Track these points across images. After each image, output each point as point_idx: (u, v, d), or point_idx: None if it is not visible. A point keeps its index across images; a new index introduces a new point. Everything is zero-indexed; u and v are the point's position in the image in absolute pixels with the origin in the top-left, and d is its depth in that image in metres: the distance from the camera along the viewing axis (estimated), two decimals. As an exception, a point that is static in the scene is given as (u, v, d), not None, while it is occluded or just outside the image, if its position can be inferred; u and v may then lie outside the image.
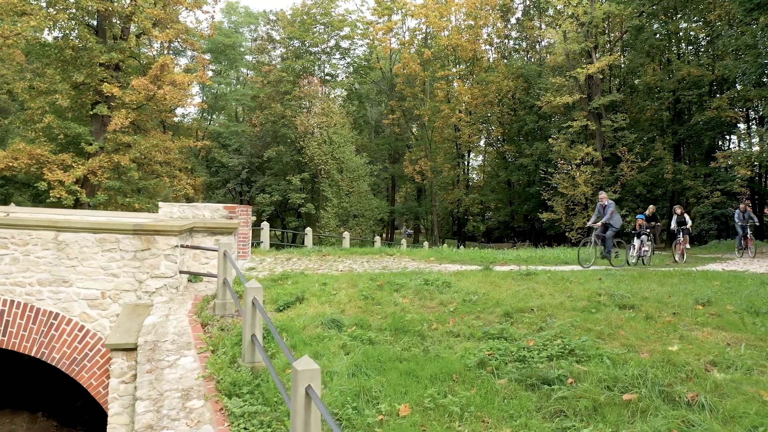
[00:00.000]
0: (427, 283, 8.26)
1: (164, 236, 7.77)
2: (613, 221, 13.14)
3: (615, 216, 13.29)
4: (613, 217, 13.21)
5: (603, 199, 13.46)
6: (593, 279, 9.43)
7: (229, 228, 8.91)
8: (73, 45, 26.99)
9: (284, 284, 8.59)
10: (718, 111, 30.68)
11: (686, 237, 16.21)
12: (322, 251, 14.25)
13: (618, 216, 13.45)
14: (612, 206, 13.36)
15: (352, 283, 8.55)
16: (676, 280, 9.71)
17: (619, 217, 13.49)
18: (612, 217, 13.15)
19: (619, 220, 13.39)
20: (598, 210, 13.38)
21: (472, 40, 41.39)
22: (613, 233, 13.15)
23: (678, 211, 16.55)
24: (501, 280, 9.11)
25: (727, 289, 8.69)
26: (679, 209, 16.62)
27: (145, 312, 7.52)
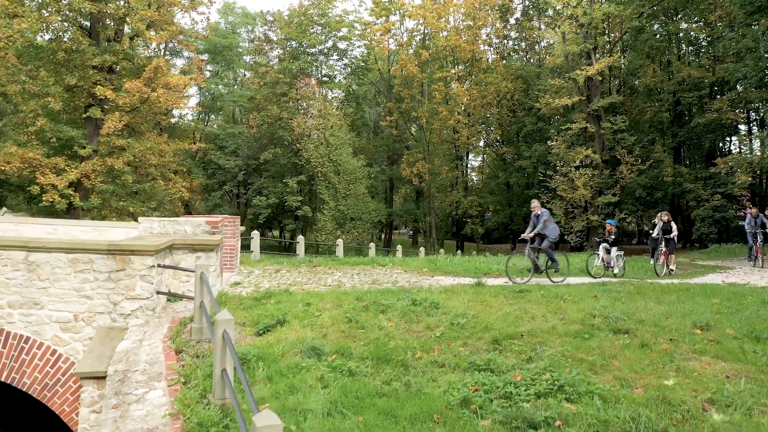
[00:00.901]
0: (415, 304, 7.94)
1: (140, 256, 7.46)
2: (548, 231, 12.23)
3: (550, 225, 12.38)
4: (548, 226, 12.29)
5: (536, 208, 12.60)
6: (588, 296, 9.12)
7: (210, 244, 8.59)
8: (66, 47, 26.67)
9: (267, 304, 8.28)
10: (718, 113, 30.35)
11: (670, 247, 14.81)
12: (313, 262, 13.95)
13: (553, 225, 12.54)
14: (546, 215, 12.46)
15: (337, 302, 8.24)
16: (674, 297, 9.39)
17: (555, 226, 12.56)
18: (546, 226, 12.25)
19: (555, 229, 12.49)
20: (533, 220, 12.53)
21: (470, 41, 41.05)
22: (549, 244, 12.17)
23: (664, 218, 15.14)
24: (492, 298, 8.79)
25: (727, 309, 8.37)
26: (666, 216, 15.24)
27: (120, 336, 7.21)
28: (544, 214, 12.33)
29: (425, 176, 40.52)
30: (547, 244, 12.08)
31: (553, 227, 12.36)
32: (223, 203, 41.88)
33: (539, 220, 12.23)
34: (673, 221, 15.14)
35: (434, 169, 41.60)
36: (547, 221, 12.20)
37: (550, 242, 12.16)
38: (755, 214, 16.37)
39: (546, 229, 12.15)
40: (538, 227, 12.12)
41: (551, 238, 12.18)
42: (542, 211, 12.41)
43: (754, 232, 16.01)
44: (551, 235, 12.18)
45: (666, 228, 14.81)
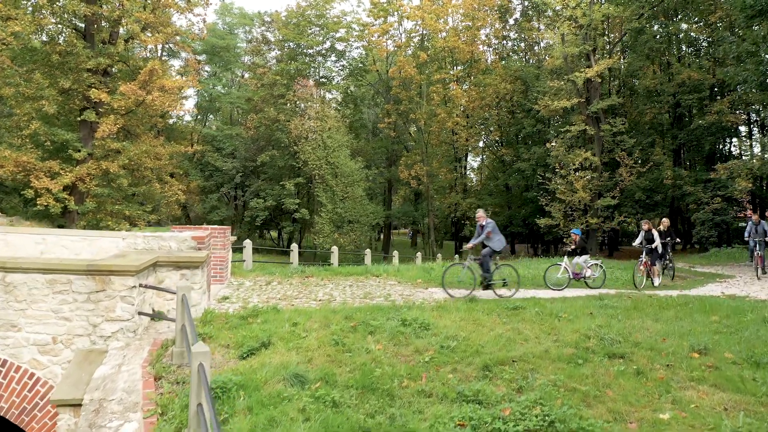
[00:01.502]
0: (405, 324, 7.72)
1: (120, 276, 7.23)
2: (493, 243, 11.47)
3: (495, 237, 11.57)
4: (492, 238, 11.52)
5: (480, 218, 11.84)
6: (584, 314, 8.88)
7: (195, 261, 8.35)
8: (60, 50, 26.39)
9: (253, 323, 8.05)
10: (718, 116, 30.10)
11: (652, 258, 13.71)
12: (306, 272, 13.72)
13: (499, 237, 11.64)
14: (490, 226, 11.70)
15: (325, 322, 8.02)
16: (672, 313, 9.17)
17: (501, 237, 11.65)
18: (491, 238, 11.50)
19: (500, 241, 11.56)
20: (477, 230, 11.82)
21: (469, 42, 40.77)
22: (489, 253, 11.39)
23: (645, 227, 14.13)
24: (485, 316, 8.56)
25: (726, 328, 8.15)
26: (646, 225, 14.20)
27: (99, 359, 6.99)
28: (488, 225, 11.60)
29: (423, 179, 40.27)
30: (487, 252, 11.31)
31: (498, 239, 11.55)
32: (221, 205, 41.65)
33: (483, 231, 11.56)
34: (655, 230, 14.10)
35: (432, 171, 41.37)
36: (491, 233, 11.49)
37: (491, 253, 11.34)
38: (756, 221, 15.38)
39: (491, 241, 11.45)
40: (481, 237, 11.48)
41: (496, 250, 11.42)
42: (487, 222, 11.68)
43: (756, 240, 15.11)
44: (496, 247, 11.42)
45: (648, 237, 13.85)
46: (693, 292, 12.94)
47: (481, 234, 11.50)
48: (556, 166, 33.60)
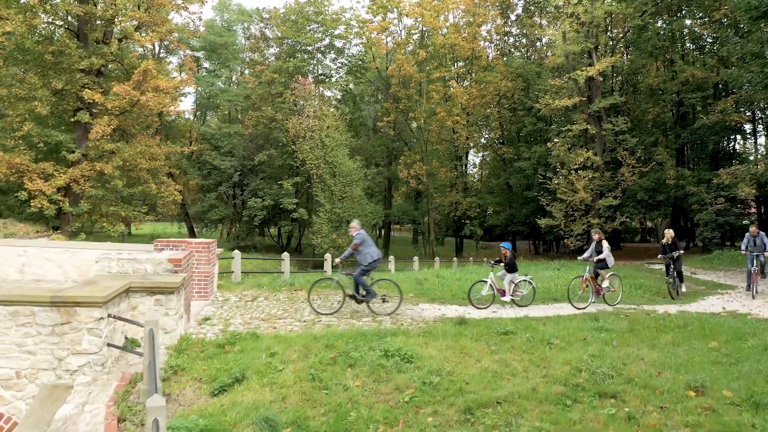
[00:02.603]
0: (387, 356, 7.35)
1: (86, 308, 6.89)
2: (360, 257, 10.57)
3: (364, 250, 10.57)
4: (360, 251, 10.57)
5: (352, 229, 10.94)
6: (577, 339, 8.51)
7: (170, 287, 7.99)
8: (53, 50, 26.01)
9: (229, 353, 7.71)
10: (722, 115, 29.58)
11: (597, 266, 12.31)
12: (295, 285, 13.35)
13: (368, 251, 10.57)
14: (358, 238, 10.64)
15: (304, 351, 7.67)
16: (669, 338, 8.79)
17: (370, 251, 10.56)
18: (359, 251, 10.58)
19: (368, 255, 10.50)
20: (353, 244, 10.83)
21: (470, 39, 40.21)
22: (361, 272, 10.51)
23: (595, 237, 12.69)
24: (473, 343, 8.20)
25: (725, 357, 7.77)
26: (597, 235, 12.71)
27: (64, 396, 6.65)
28: (356, 237, 10.66)
29: (423, 178, 39.86)
30: (359, 272, 10.51)
31: (367, 252, 10.52)
32: (219, 204, 41.29)
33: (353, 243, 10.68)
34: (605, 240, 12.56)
35: (432, 170, 40.95)
36: (359, 245, 10.56)
37: (362, 269, 10.52)
38: (754, 232, 14.10)
39: (359, 254, 10.56)
40: (348, 251, 10.71)
41: (363, 266, 10.51)
42: (357, 234, 10.73)
43: (753, 254, 13.93)
44: (363, 262, 10.48)
45: (598, 249, 12.44)
46: (693, 306, 12.55)
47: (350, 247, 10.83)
48: (557, 165, 33.14)
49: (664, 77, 33.95)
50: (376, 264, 10.69)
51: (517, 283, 12.11)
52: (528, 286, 12.33)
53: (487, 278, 12.10)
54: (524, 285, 12.32)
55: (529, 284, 12.33)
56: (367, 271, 10.60)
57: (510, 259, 12.07)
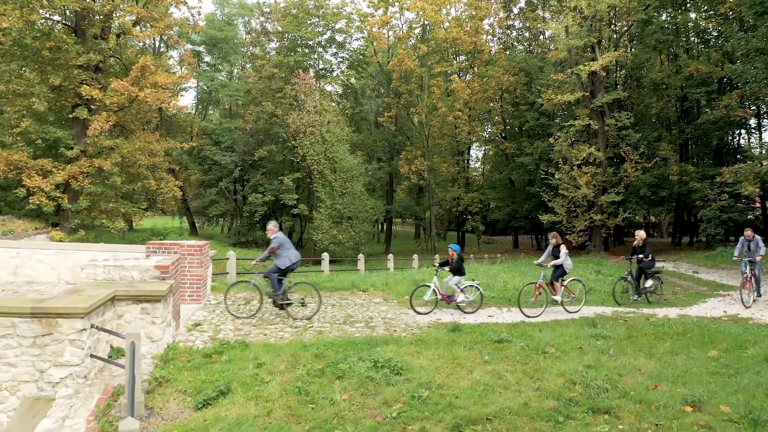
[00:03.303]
0: (376, 367, 7.18)
1: (68, 319, 6.73)
2: (278, 259, 10.24)
3: (282, 254, 10.22)
4: (278, 255, 10.23)
5: (269, 231, 10.54)
6: (573, 348, 8.32)
7: (156, 295, 7.83)
8: (51, 46, 25.81)
9: (216, 362, 7.55)
10: (726, 110, 29.24)
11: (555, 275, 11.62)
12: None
13: (287, 254, 10.22)
14: (275, 241, 10.32)
15: (293, 361, 7.51)
16: (668, 346, 8.59)
17: (288, 254, 10.21)
18: (278, 255, 10.25)
19: (286, 259, 10.18)
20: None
21: (472, 32, 39.85)
22: (274, 270, 10.17)
23: (552, 241, 11.85)
24: (467, 352, 8.02)
25: (725, 368, 7.56)
26: (554, 239, 11.82)
27: (45, 409, 6.51)
28: (273, 240, 10.33)
29: (424, 174, 39.63)
30: (272, 269, 10.21)
31: (285, 255, 10.21)
32: (220, 199, 41.19)
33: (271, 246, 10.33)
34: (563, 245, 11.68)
35: (433, 166, 40.71)
36: (275, 249, 10.24)
37: (275, 270, 10.20)
38: (749, 236, 13.16)
39: (277, 258, 10.23)
40: (264, 254, 10.38)
41: (280, 267, 10.17)
42: (274, 237, 10.38)
43: (746, 260, 12.94)
44: (281, 265, 10.17)
45: (555, 253, 11.65)
46: (694, 310, 12.35)
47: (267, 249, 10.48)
48: (560, 161, 32.87)
49: (668, 72, 33.56)
50: (294, 267, 10.36)
51: (463, 288, 11.45)
52: (475, 292, 11.69)
53: (430, 282, 11.51)
54: (471, 290, 11.67)
55: (476, 289, 11.67)
56: (284, 273, 10.29)
57: (457, 262, 11.36)
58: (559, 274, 11.56)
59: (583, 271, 19.59)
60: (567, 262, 11.57)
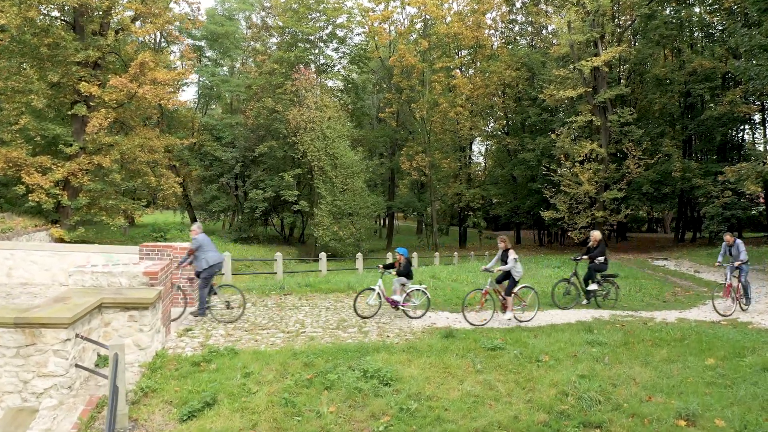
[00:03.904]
0: (366, 377, 7.07)
1: (52, 329, 6.63)
2: (197, 261, 9.98)
3: (200, 255, 9.94)
4: (197, 257, 9.97)
5: (192, 232, 10.29)
6: (568, 356, 8.19)
7: (144, 302, 7.72)
8: (49, 42, 25.68)
9: (204, 371, 7.45)
10: (730, 106, 28.95)
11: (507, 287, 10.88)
12: (285, 289, 13.09)
13: (205, 255, 9.93)
14: (195, 243, 9.99)
15: (281, 371, 7.40)
16: (665, 353, 8.45)
17: (209, 255, 9.93)
18: (196, 257, 9.99)
19: (206, 260, 9.90)
20: None
21: (474, 27, 39.53)
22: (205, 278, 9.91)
23: (501, 245, 11.03)
24: (459, 360, 7.90)
25: (721, 378, 7.43)
26: (502, 243, 11.02)
27: (29, 420, 6.42)
28: (194, 241, 10.08)
29: (425, 170, 39.44)
30: (200, 282, 9.98)
31: (203, 257, 9.92)
32: (221, 195, 41.12)
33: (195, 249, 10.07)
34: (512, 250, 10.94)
35: (435, 162, 40.51)
36: (194, 250, 9.98)
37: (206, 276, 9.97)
38: (730, 241, 12.59)
39: (196, 260, 9.97)
40: (187, 259, 10.13)
41: (198, 271, 9.98)
42: (194, 238, 10.13)
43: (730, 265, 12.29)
44: (198, 267, 9.93)
45: (503, 258, 10.94)
46: (693, 312, 12.21)
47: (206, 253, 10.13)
48: (561, 157, 32.65)
49: (672, 67, 33.25)
50: (213, 270, 10.07)
51: (410, 292, 10.89)
52: (422, 296, 11.12)
53: (375, 286, 11.02)
54: (417, 294, 11.13)
55: (423, 294, 11.09)
56: (206, 278, 10.07)
57: (405, 267, 10.87)
58: (511, 285, 10.80)
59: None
60: (517, 268, 10.84)
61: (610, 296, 12.92)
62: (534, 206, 38.75)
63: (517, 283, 10.89)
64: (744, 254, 12.19)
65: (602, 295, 12.79)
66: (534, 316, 11.03)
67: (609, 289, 12.90)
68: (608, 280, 12.91)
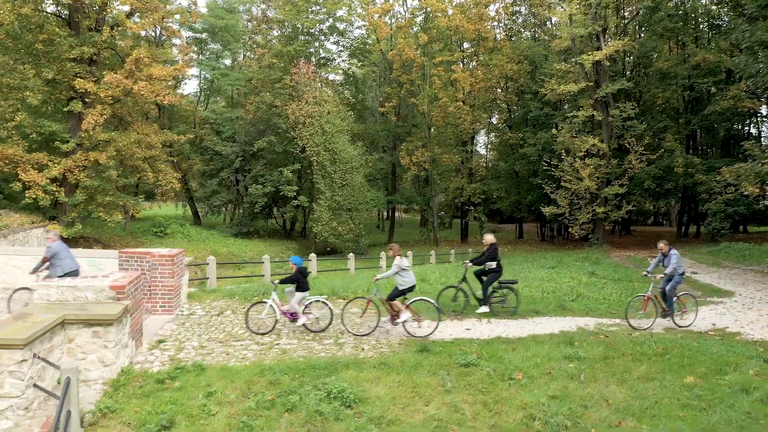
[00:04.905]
0: (329, 398, 6.90)
1: (8, 350, 6.51)
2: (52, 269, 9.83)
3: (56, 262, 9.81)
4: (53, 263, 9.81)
5: (48, 240, 10.09)
6: (542, 373, 7.99)
7: (108, 318, 7.58)
8: (43, 39, 25.54)
9: (168, 389, 7.31)
10: (734, 100, 28.44)
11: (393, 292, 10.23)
12: (268, 295, 12.93)
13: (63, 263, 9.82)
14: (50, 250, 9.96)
15: (245, 389, 7.25)
16: (643, 370, 8.23)
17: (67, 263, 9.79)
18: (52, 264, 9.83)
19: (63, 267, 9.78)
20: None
21: (476, 20, 39.00)
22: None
23: (390, 253, 10.53)
24: (429, 378, 7.71)
25: (698, 398, 7.21)
26: (391, 251, 10.48)
27: (-18, 443, 6.32)
28: (48, 250, 10.01)
29: (425, 165, 39.15)
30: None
31: (59, 265, 9.79)
32: (221, 190, 41.05)
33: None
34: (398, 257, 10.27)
35: (435, 157, 40.22)
36: (48, 258, 9.89)
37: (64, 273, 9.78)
38: (664, 250, 11.34)
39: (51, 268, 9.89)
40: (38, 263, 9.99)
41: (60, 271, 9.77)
42: (49, 246, 10.05)
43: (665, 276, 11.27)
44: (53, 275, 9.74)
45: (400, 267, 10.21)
46: (684, 322, 11.92)
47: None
48: (562, 152, 32.27)
49: (675, 61, 32.70)
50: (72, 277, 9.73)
51: (309, 304, 10.29)
52: (324, 307, 10.60)
53: (267, 299, 10.48)
54: (319, 306, 10.67)
55: (324, 305, 10.50)
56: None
57: (295, 276, 10.14)
58: (395, 292, 10.17)
59: (576, 272, 19.17)
60: (403, 278, 10.18)
61: (508, 303, 12.15)
62: (535, 201, 38.41)
63: (402, 294, 10.19)
64: (674, 267, 11.02)
65: (499, 301, 12.09)
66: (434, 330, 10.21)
67: (507, 296, 12.17)
68: (506, 287, 12.21)
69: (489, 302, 11.95)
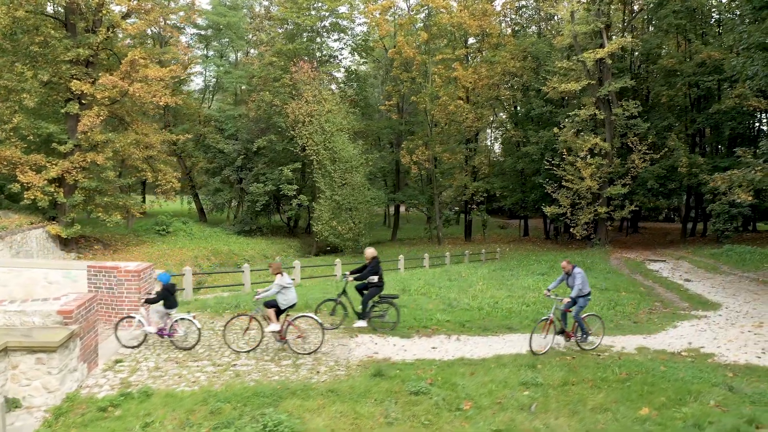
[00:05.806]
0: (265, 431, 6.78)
1: (-62, 382, 6.49)
2: None
3: None
4: None
5: None
6: (492, 404, 7.78)
7: (51, 345, 7.53)
8: (39, 41, 25.65)
9: (107, 419, 7.23)
10: (740, 99, 27.79)
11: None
12: (241, 307, 12.87)
13: None
14: None
15: (184, 419, 7.14)
16: (600, 398, 8.00)
17: None
18: None
19: None
20: None
21: (479, 16, 38.47)
22: None
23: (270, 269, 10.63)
24: (373, 408, 7.55)
25: (648, 434, 6.97)
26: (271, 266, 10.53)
27: None
28: None
29: (426, 164, 38.87)
30: None
31: None
32: (224, 188, 41.16)
33: None
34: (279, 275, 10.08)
35: (437, 155, 39.91)
36: None
37: None
38: (567, 269, 10.63)
39: None
40: None
41: None
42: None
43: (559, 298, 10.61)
44: None
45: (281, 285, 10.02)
46: (659, 338, 11.65)
47: None
48: (564, 151, 31.82)
49: (680, 58, 32.01)
50: None
51: (175, 321, 10.12)
52: (190, 326, 10.53)
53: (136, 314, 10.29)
54: (185, 324, 10.48)
55: (190, 323, 10.32)
56: None
57: (162, 293, 10.03)
58: (272, 302, 10.12)
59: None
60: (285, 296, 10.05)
61: (387, 318, 11.84)
62: (538, 200, 38.00)
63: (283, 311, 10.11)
64: (579, 289, 10.30)
65: (378, 316, 11.79)
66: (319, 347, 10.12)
67: (387, 311, 11.88)
68: (387, 301, 11.86)
69: (368, 317, 11.64)
